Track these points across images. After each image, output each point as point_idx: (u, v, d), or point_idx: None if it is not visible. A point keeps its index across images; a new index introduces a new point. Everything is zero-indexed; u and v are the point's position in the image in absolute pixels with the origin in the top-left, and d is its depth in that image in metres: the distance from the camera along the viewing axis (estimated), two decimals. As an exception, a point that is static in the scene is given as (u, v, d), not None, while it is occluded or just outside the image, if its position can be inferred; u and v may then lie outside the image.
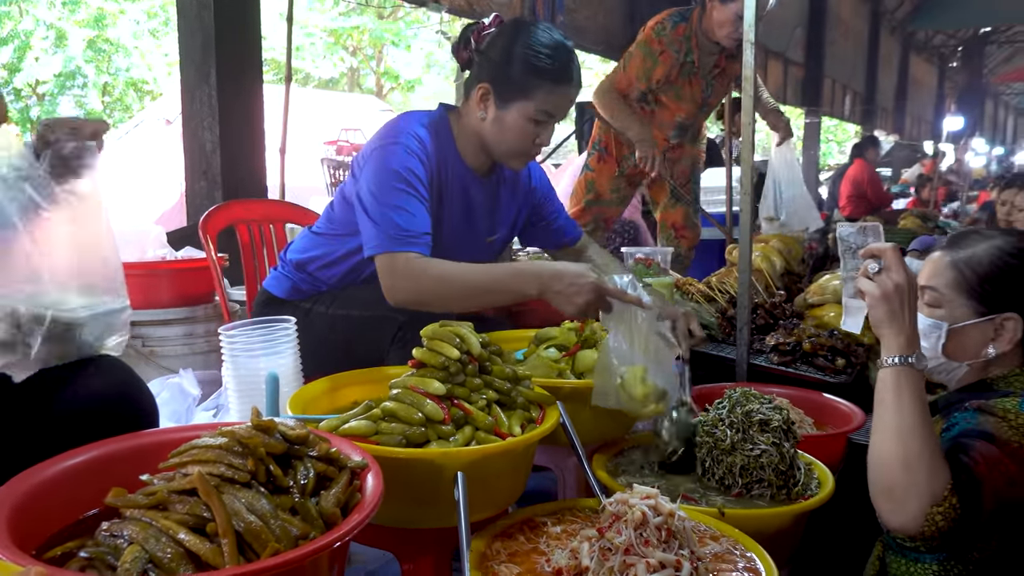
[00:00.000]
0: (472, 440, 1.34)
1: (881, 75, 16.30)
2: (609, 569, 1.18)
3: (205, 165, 3.57)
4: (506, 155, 1.92)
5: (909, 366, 1.33)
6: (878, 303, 1.36)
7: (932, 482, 1.27)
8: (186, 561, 0.93)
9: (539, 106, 1.83)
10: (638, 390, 1.61)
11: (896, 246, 1.40)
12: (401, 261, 1.72)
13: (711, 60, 3.49)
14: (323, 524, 1.02)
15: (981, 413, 1.42)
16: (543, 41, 1.83)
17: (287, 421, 1.11)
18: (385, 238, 1.73)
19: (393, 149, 1.80)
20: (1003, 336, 1.48)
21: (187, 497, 0.98)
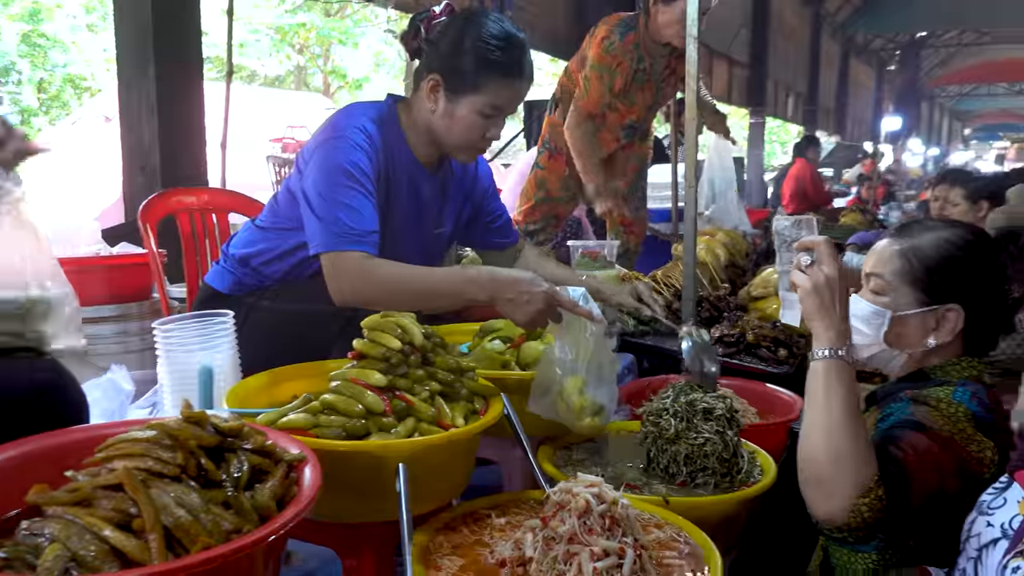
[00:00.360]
0: (414, 432, 1.31)
1: (823, 77, 16.68)
2: (553, 559, 1.17)
3: (143, 160, 3.47)
4: (455, 148, 1.89)
5: (839, 359, 1.34)
6: (808, 296, 1.37)
7: (858, 474, 1.28)
8: (111, 558, 0.89)
9: (490, 100, 1.80)
10: (575, 401, 1.60)
11: (828, 239, 1.41)
12: (348, 261, 1.68)
13: (662, 63, 3.51)
14: (258, 518, 0.99)
15: (914, 403, 1.44)
16: (495, 33, 1.80)
17: (220, 413, 1.08)
18: (331, 236, 1.69)
19: (339, 143, 1.76)
20: (944, 327, 1.50)
21: (112, 493, 0.94)
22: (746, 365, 2.33)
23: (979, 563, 1.11)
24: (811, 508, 1.34)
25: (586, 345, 1.60)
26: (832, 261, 1.37)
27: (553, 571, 1.17)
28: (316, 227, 1.71)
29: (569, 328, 1.62)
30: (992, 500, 1.16)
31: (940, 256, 1.51)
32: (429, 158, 1.93)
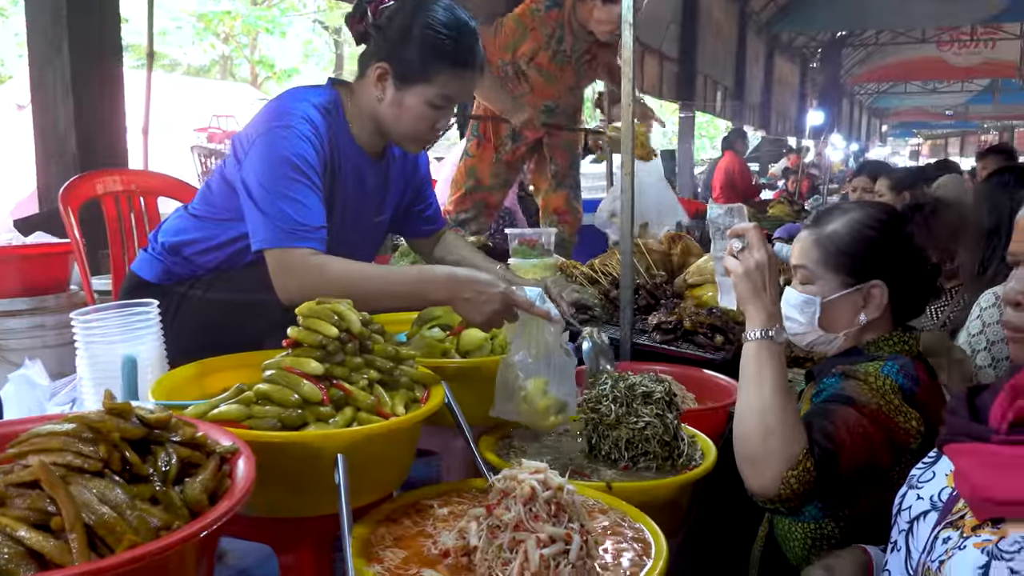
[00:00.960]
0: (353, 421, 1.27)
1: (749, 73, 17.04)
2: (498, 547, 1.15)
3: (58, 146, 3.30)
4: (403, 139, 1.83)
5: (770, 339, 1.40)
6: (741, 280, 1.42)
7: (789, 447, 1.33)
8: (28, 561, 0.83)
9: (440, 90, 1.74)
10: (540, 402, 1.59)
11: (757, 226, 1.48)
12: (296, 258, 1.61)
13: (583, 46, 3.54)
14: (188, 514, 0.94)
15: (844, 377, 1.49)
16: (445, 21, 1.73)
17: (146, 405, 1.01)
18: (277, 232, 1.61)
19: (283, 133, 1.67)
20: (871, 303, 1.56)
21: (28, 491, 0.88)
22: (684, 352, 2.35)
23: (910, 535, 1.14)
24: (746, 482, 1.39)
25: (544, 345, 1.58)
26: (762, 246, 1.43)
27: (499, 560, 1.14)
28: (260, 222, 1.63)
29: (526, 328, 1.59)
30: (921, 474, 1.19)
31: (854, 238, 1.57)
32: (374, 147, 1.87)
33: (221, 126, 7.71)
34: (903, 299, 1.59)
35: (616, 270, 2.76)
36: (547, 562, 1.12)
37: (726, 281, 1.52)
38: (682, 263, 3.16)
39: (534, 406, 1.58)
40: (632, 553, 1.22)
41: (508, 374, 1.56)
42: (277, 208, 1.61)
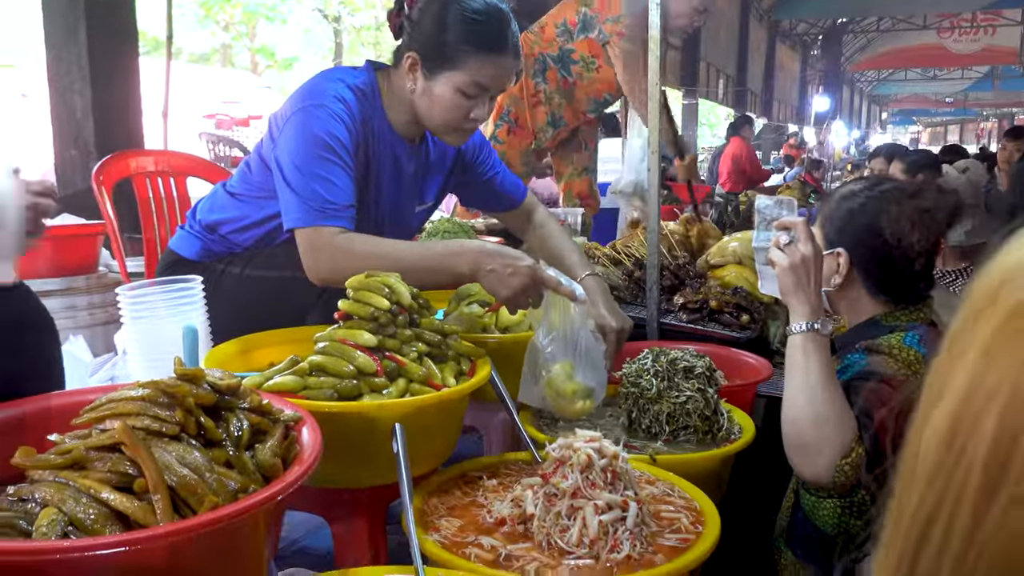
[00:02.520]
0: (406, 392, 1.28)
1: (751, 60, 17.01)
2: (556, 514, 1.16)
3: (76, 131, 3.30)
4: (438, 130, 1.80)
5: (815, 332, 1.42)
6: (786, 273, 1.44)
7: (840, 436, 1.35)
8: (113, 521, 0.84)
9: (470, 77, 1.71)
10: (566, 387, 1.57)
11: (805, 220, 1.49)
12: (324, 236, 1.60)
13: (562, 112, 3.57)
14: (261, 478, 0.95)
15: (869, 353, 1.52)
16: (475, 7, 1.70)
17: (214, 372, 1.02)
18: (307, 210, 1.61)
19: (316, 112, 1.66)
20: (837, 270, 1.59)
21: (108, 454, 0.89)
22: (710, 331, 2.35)
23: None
24: (798, 471, 1.41)
25: (570, 327, 1.56)
26: (809, 241, 1.45)
27: (557, 526, 1.15)
28: (292, 201, 1.63)
29: (552, 309, 1.57)
30: None
31: (836, 205, 1.63)
32: (411, 133, 1.86)
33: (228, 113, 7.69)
34: (870, 273, 1.60)
35: (638, 251, 2.76)
36: (605, 528, 1.13)
37: (767, 270, 1.54)
38: (700, 245, 3.16)
39: (560, 391, 1.56)
40: (686, 520, 1.24)
41: (533, 358, 1.55)
42: (307, 187, 1.61)
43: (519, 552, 1.13)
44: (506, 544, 1.15)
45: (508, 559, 1.12)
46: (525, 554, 1.13)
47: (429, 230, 2.67)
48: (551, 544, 1.14)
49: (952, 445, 0.40)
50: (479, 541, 1.16)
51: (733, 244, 2.77)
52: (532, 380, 1.57)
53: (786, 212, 1.57)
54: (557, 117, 3.66)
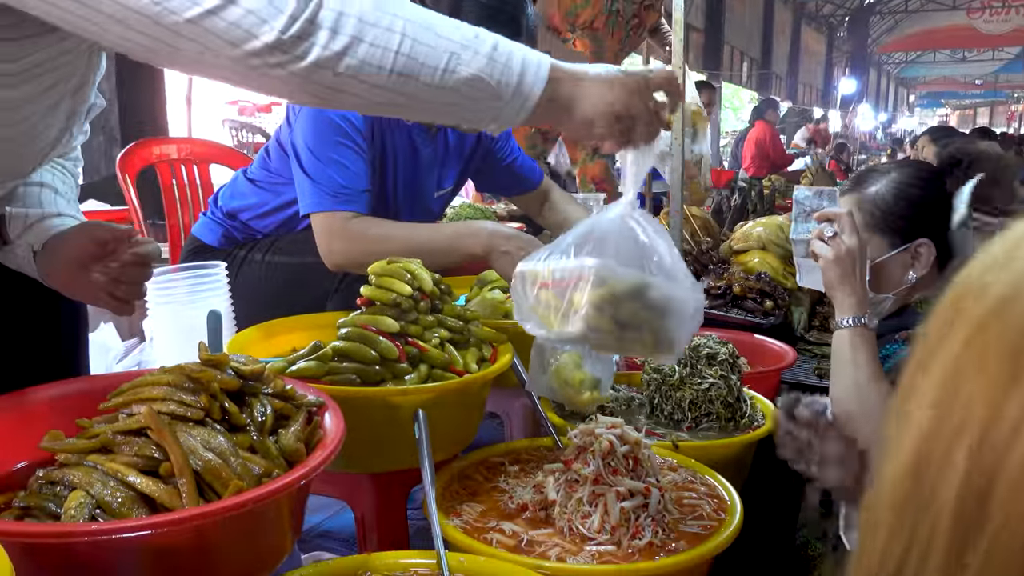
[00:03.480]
0: (428, 378, 1.28)
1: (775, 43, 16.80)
2: (577, 500, 1.16)
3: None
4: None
5: (863, 326, 1.38)
6: (831, 266, 1.40)
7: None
8: (139, 505, 0.85)
9: None
10: (574, 376, 1.53)
11: (850, 211, 1.45)
12: (339, 221, 1.61)
13: (632, 9, 3.49)
14: (285, 463, 0.96)
15: (909, 343, 1.48)
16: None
17: (238, 357, 1.03)
18: (321, 195, 1.62)
19: None
20: (919, 261, 1.56)
21: (134, 438, 0.90)
22: (734, 317, 2.34)
23: None
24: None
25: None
26: (854, 232, 1.40)
27: (578, 513, 1.15)
28: (307, 186, 1.64)
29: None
30: None
31: (899, 197, 1.56)
32: None
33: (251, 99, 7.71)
34: (950, 255, 1.58)
35: (661, 237, 2.75)
36: (627, 515, 1.13)
37: (807, 263, 1.52)
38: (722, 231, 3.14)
39: (567, 380, 1.54)
40: (708, 507, 1.23)
41: (540, 346, 1.54)
42: (322, 172, 1.62)
43: (540, 538, 1.13)
44: (527, 530, 1.15)
45: (529, 545, 1.12)
46: (546, 540, 1.13)
47: (450, 215, 2.67)
48: (572, 530, 1.14)
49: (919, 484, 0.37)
50: (500, 526, 1.16)
51: (758, 229, 2.74)
52: (540, 369, 1.55)
53: (827, 203, 1.54)
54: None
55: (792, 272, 2.69)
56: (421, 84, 0.93)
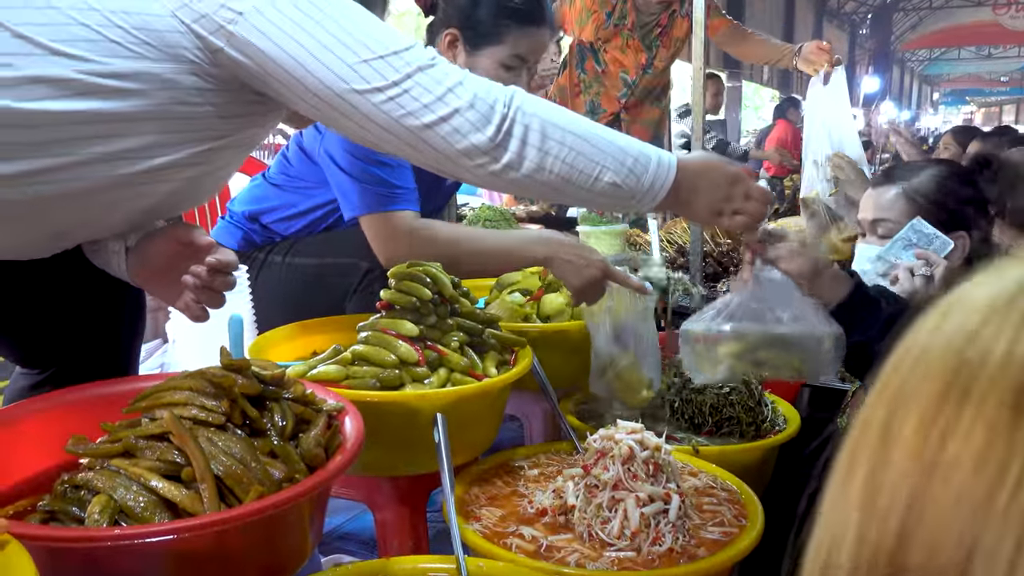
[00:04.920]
0: (448, 382, 1.28)
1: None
2: (597, 506, 1.16)
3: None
4: None
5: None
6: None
7: None
8: (161, 509, 0.85)
9: (512, 50, 1.72)
10: (634, 378, 1.61)
11: (948, 265, 1.51)
12: (399, 222, 1.61)
13: (652, 19, 3.46)
14: (305, 468, 0.96)
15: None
16: None
17: (259, 362, 1.04)
18: (374, 197, 1.62)
19: None
20: (955, 254, 1.57)
21: (156, 443, 0.91)
22: (754, 319, 2.33)
23: None
24: None
25: (633, 317, 1.60)
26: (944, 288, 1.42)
27: (598, 518, 1.15)
28: (353, 189, 1.64)
29: (615, 301, 1.61)
30: None
31: (940, 190, 1.60)
32: None
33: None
34: (980, 250, 1.61)
35: (681, 238, 2.73)
36: (647, 521, 1.13)
37: (881, 280, 1.57)
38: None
39: (628, 383, 1.60)
40: (729, 513, 1.22)
41: (602, 351, 1.59)
42: (370, 173, 1.62)
43: (560, 543, 1.13)
44: (547, 535, 1.15)
45: (549, 550, 1.12)
46: (566, 545, 1.13)
47: (470, 217, 2.67)
48: (592, 536, 1.13)
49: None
50: (520, 531, 1.16)
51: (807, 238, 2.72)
52: (599, 373, 1.62)
53: (936, 247, 1.57)
54: (596, 105, 3.67)
55: (815, 274, 2.67)
56: (575, 186, 1.17)
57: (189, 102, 1.03)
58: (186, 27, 0.99)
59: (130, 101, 0.99)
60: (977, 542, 0.30)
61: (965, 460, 0.31)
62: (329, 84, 1.02)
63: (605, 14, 3.40)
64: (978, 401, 0.32)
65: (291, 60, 1.01)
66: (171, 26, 0.99)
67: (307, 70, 1.02)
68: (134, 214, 1.16)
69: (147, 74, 0.99)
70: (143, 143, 1.03)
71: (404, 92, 1.04)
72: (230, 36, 1.00)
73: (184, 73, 1.01)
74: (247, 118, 1.12)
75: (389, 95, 1.03)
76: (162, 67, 0.99)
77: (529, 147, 1.11)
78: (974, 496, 0.31)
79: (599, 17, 3.42)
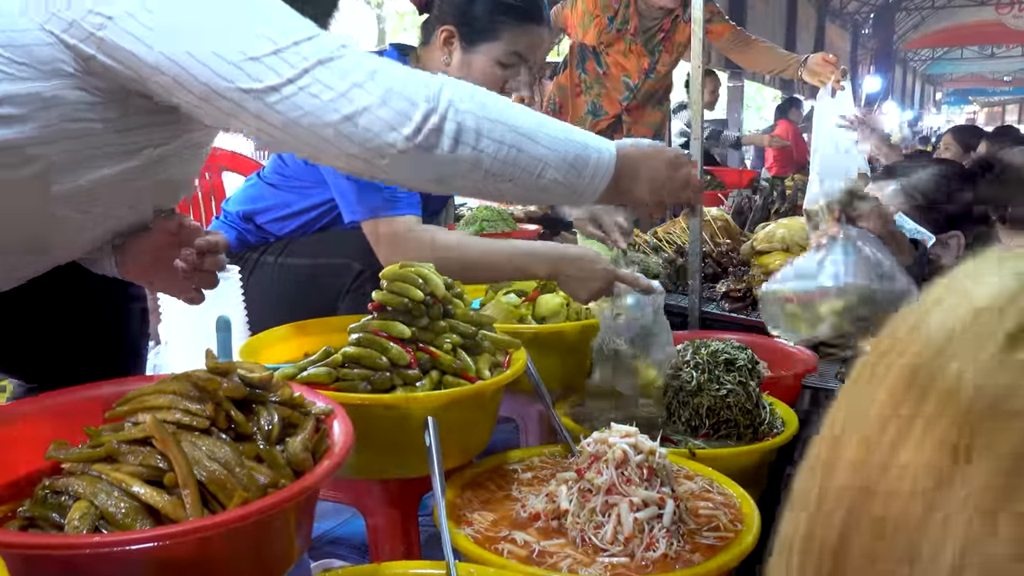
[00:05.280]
0: (440, 384, 1.27)
1: (799, 41, 16.61)
2: (590, 511, 1.14)
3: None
4: None
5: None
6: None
7: None
8: (143, 515, 0.84)
9: (509, 47, 1.71)
10: (647, 375, 1.63)
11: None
12: (402, 227, 1.60)
13: (654, 24, 3.46)
14: (291, 472, 0.94)
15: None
16: None
17: (245, 364, 1.02)
18: (376, 201, 1.60)
19: None
20: (948, 253, 1.60)
21: (139, 448, 0.89)
22: (754, 320, 2.30)
23: None
24: None
25: (641, 315, 1.61)
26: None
27: (591, 523, 1.13)
28: (353, 192, 1.62)
29: (622, 300, 1.62)
30: None
31: (938, 188, 1.63)
32: None
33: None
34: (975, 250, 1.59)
35: (680, 238, 2.72)
36: (641, 526, 1.11)
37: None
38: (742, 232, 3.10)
39: (643, 379, 1.62)
40: (725, 518, 1.21)
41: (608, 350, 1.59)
42: None
43: (553, 548, 1.12)
44: (539, 540, 1.13)
45: (541, 555, 1.10)
46: (559, 550, 1.11)
47: (467, 217, 2.65)
48: (585, 541, 1.11)
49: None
50: (512, 536, 1.14)
51: (780, 231, 2.69)
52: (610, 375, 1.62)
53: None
54: (598, 107, 3.68)
55: (814, 274, 2.66)
56: (513, 185, 1.11)
57: (81, 119, 0.95)
58: (55, 38, 0.92)
59: (14, 128, 0.92)
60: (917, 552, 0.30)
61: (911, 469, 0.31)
62: (211, 84, 0.92)
63: (607, 18, 3.40)
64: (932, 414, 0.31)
65: (167, 61, 0.92)
66: (40, 39, 0.91)
67: (186, 71, 0.92)
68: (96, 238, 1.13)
69: (25, 96, 0.91)
70: (39, 170, 0.95)
71: (300, 90, 0.94)
72: (100, 42, 0.92)
73: (67, 88, 0.93)
74: (153, 130, 1.03)
75: (284, 94, 0.93)
76: (40, 86, 0.92)
77: (462, 146, 1.02)
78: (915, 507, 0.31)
79: (601, 22, 3.42)
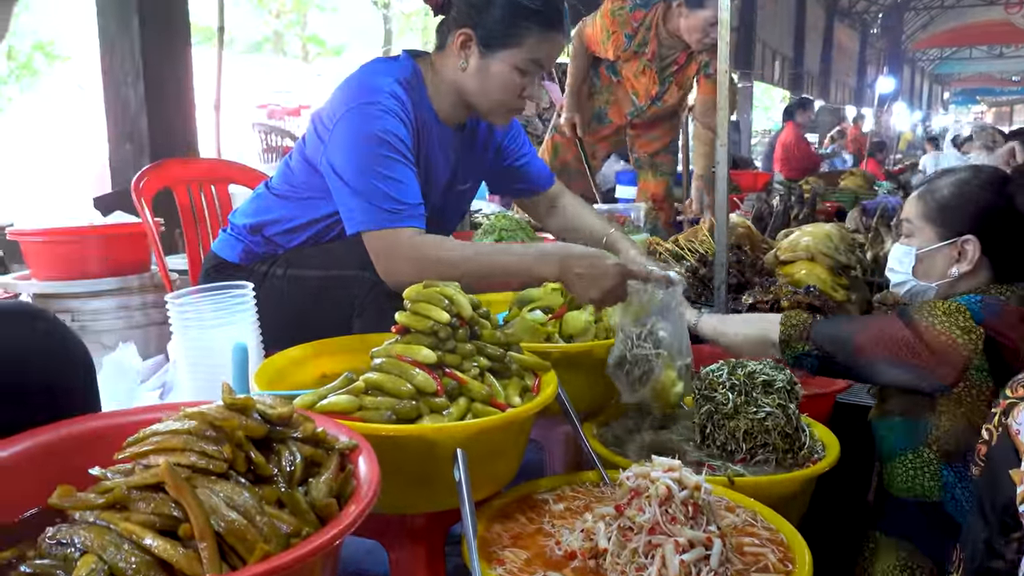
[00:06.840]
0: (468, 413, 1.19)
1: (808, 41, 16.51)
2: (632, 551, 1.07)
3: (130, 126, 3.29)
4: (490, 110, 1.72)
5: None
6: None
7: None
8: (156, 570, 0.76)
9: (528, 54, 1.64)
10: (666, 377, 1.57)
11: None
12: (402, 239, 1.54)
13: (671, 55, 3.45)
14: (316, 518, 0.87)
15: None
16: None
17: (265, 399, 0.95)
18: (377, 212, 1.54)
19: (370, 110, 1.58)
20: (964, 257, 1.58)
21: (151, 494, 0.82)
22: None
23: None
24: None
25: (660, 311, 1.54)
26: None
27: (632, 564, 1.06)
28: (356, 203, 1.56)
29: (636, 299, 1.54)
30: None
31: (953, 193, 1.60)
32: (455, 118, 1.78)
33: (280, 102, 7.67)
34: (1002, 257, 1.59)
35: (702, 247, 2.64)
36: (687, 568, 1.03)
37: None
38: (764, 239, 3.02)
39: (663, 387, 1.57)
40: (773, 556, 1.13)
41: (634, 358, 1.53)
42: (374, 187, 1.54)
43: (591, 592, 1.04)
44: (577, 582, 1.06)
45: (580, 600, 1.03)
46: (598, 594, 1.04)
47: (485, 227, 2.58)
48: (627, 584, 1.04)
49: None
50: (547, 577, 1.07)
51: (805, 239, 2.61)
52: (629, 387, 1.56)
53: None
54: (604, 114, 3.69)
55: (842, 284, 2.57)
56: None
57: None
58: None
59: None
60: None
61: None
62: None
63: (625, 36, 3.41)
64: None
65: None
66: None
67: None
68: None
69: None
70: None
71: None
72: None
73: None
74: None
75: None
76: None
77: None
78: None
79: (619, 38, 3.43)
